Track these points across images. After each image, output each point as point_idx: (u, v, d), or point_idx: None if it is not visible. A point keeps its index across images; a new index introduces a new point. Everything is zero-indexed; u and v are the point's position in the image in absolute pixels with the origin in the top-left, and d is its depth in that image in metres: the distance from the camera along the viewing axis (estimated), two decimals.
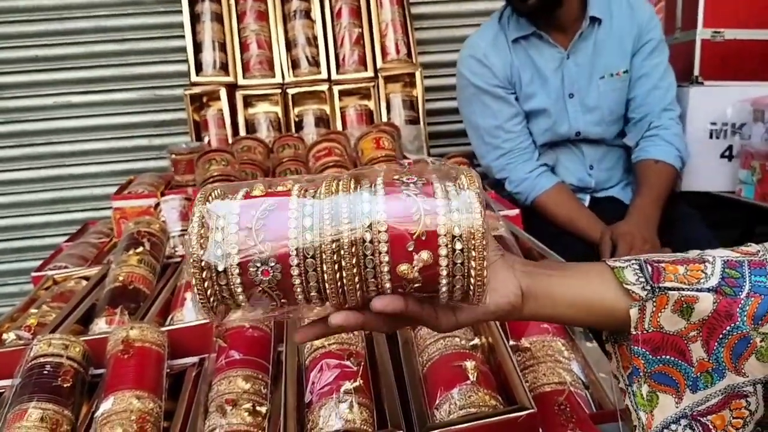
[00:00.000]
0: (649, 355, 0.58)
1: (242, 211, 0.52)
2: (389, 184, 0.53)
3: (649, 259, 0.61)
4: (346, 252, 0.50)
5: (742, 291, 0.56)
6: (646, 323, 0.57)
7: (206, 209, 0.52)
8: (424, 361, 0.85)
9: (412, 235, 0.50)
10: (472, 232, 0.50)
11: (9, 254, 2.60)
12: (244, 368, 0.91)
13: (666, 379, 0.58)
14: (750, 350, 0.55)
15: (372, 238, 0.50)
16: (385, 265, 0.51)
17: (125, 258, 1.30)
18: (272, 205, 0.52)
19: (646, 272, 0.59)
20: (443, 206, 0.51)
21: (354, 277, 0.51)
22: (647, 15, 1.83)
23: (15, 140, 2.52)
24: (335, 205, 0.51)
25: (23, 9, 2.44)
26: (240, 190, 0.54)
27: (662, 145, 1.80)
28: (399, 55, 2.25)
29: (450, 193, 0.51)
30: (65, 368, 0.92)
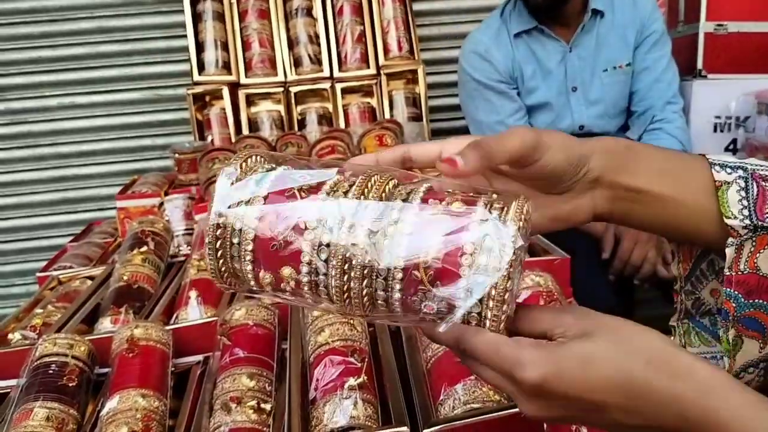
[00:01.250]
0: (742, 299, 0.52)
1: (272, 189, 0.50)
2: (428, 198, 0.49)
3: (756, 172, 0.53)
4: (356, 269, 0.47)
5: None
6: (741, 264, 0.52)
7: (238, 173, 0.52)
8: (428, 357, 0.85)
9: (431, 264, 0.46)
10: (497, 268, 0.45)
11: (14, 255, 2.61)
12: (248, 366, 0.91)
13: (755, 324, 0.53)
14: None
15: (388, 268, 0.47)
16: (397, 296, 0.48)
17: (129, 257, 1.30)
18: (302, 189, 0.50)
19: (751, 195, 0.52)
20: (473, 236, 0.46)
21: (362, 292, 0.48)
22: (649, 7, 1.83)
23: (19, 141, 2.52)
24: (361, 217, 0.48)
25: (26, 10, 2.45)
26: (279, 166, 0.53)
27: (665, 139, 1.80)
28: (401, 52, 2.25)
29: (490, 219, 0.46)
30: (70, 367, 0.93)
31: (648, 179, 0.54)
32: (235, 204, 0.50)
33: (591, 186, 0.54)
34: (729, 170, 0.53)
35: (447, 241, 0.46)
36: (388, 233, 0.47)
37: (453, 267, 0.46)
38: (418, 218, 0.47)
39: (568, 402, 0.46)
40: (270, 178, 0.51)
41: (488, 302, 0.46)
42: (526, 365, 0.45)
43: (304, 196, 0.50)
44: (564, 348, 0.46)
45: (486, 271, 0.45)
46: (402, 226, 0.47)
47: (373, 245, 0.47)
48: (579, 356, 0.45)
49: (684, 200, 0.54)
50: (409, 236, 0.47)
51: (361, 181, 0.50)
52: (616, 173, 0.54)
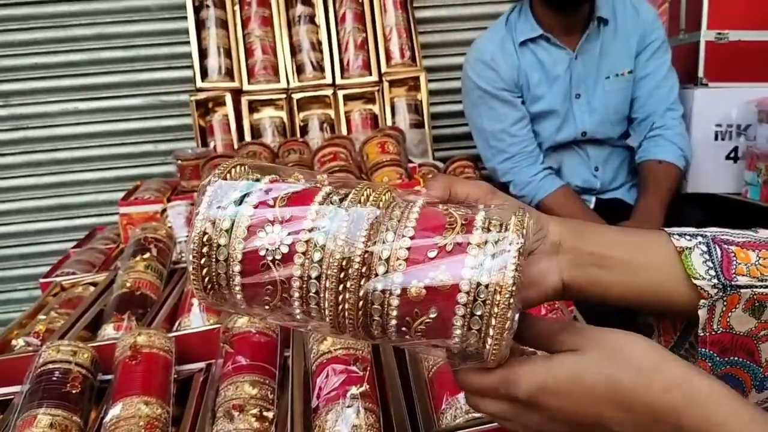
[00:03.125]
0: (717, 358, 0.53)
1: (258, 204, 0.48)
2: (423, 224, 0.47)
3: (717, 237, 0.54)
4: (351, 291, 0.46)
5: None
6: (714, 324, 0.52)
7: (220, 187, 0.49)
8: (429, 366, 0.85)
9: (429, 290, 0.45)
10: (498, 290, 0.44)
11: (16, 260, 2.62)
12: (251, 374, 0.91)
13: (732, 381, 0.53)
14: None
15: (383, 300, 0.46)
16: (393, 319, 0.46)
17: (132, 264, 1.30)
18: (288, 215, 0.48)
19: (715, 259, 0.52)
20: (471, 266, 0.45)
21: (357, 314, 0.47)
22: (651, 16, 1.84)
23: (21, 147, 2.53)
24: (354, 236, 0.46)
25: (28, 17, 2.46)
26: (265, 178, 0.51)
27: (665, 145, 1.81)
28: (403, 59, 2.26)
29: (488, 245, 0.45)
30: (74, 374, 0.93)
31: (609, 246, 0.56)
32: (221, 220, 0.48)
33: (553, 250, 0.55)
34: (688, 237, 0.54)
35: (444, 272, 0.45)
36: (383, 259, 0.46)
37: (451, 300, 0.45)
38: (413, 245, 0.46)
39: (566, 416, 0.46)
40: (256, 194, 0.49)
41: (488, 331, 0.45)
42: (519, 381, 0.46)
43: (292, 213, 0.48)
44: (555, 361, 0.47)
45: (485, 303, 0.44)
46: (397, 252, 0.46)
47: (367, 267, 0.46)
48: (570, 370, 0.46)
49: (649, 265, 0.54)
50: (404, 263, 0.46)
51: (354, 196, 0.48)
52: (576, 240, 0.55)
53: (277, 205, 0.48)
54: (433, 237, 0.46)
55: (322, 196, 0.49)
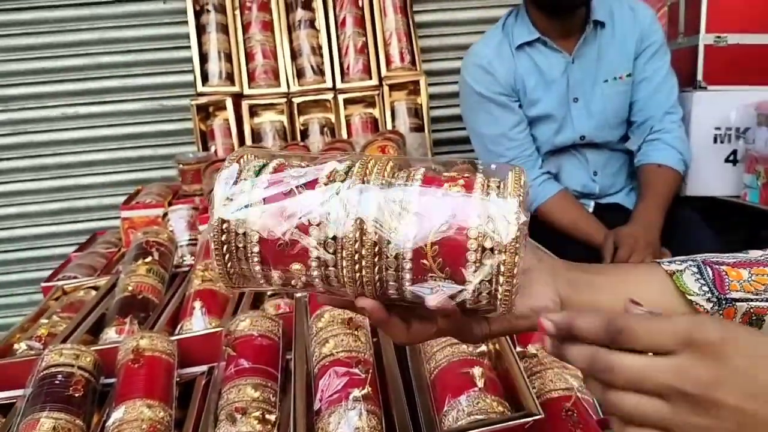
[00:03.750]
0: None
1: (270, 186, 0.51)
2: (428, 182, 0.50)
3: (707, 259, 0.55)
4: (367, 255, 0.48)
5: None
6: None
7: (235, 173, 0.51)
8: (431, 368, 0.85)
9: (438, 247, 0.47)
10: (504, 245, 0.47)
11: (17, 264, 2.62)
12: (253, 376, 0.92)
13: None
14: None
15: (397, 254, 0.48)
16: (407, 282, 0.49)
17: (134, 268, 1.31)
18: (300, 183, 0.50)
19: (707, 277, 0.53)
20: (477, 216, 0.47)
21: (374, 280, 0.49)
22: (649, 19, 1.84)
23: (22, 151, 2.53)
24: (363, 201, 0.48)
25: (29, 22, 2.46)
26: (272, 162, 0.53)
27: (664, 149, 1.81)
28: (403, 63, 2.26)
29: (491, 197, 0.48)
30: (76, 378, 0.94)
31: (601, 271, 0.57)
32: (236, 208, 0.50)
33: (549, 274, 0.56)
34: (679, 262, 0.55)
35: (452, 225, 0.47)
36: (393, 222, 0.48)
37: (461, 250, 0.47)
38: (420, 204, 0.48)
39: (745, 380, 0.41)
40: (266, 177, 0.51)
41: (498, 278, 0.47)
42: (707, 324, 0.41)
43: (303, 191, 0.50)
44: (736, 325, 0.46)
45: (493, 251, 0.47)
46: (406, 214, 0.48)
47: (379, 234, 0.48)
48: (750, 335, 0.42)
49: (641, 286, 0.55)
50: (414, 223, 0.48)
51: (360, 167, 0.50)
52: (568, 268, 0.57)
53: (290, 183, 0.51)
54: (437, 191, 0.49)
55: (328, 172, 0.51)
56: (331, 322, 0.91)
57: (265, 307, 1.21)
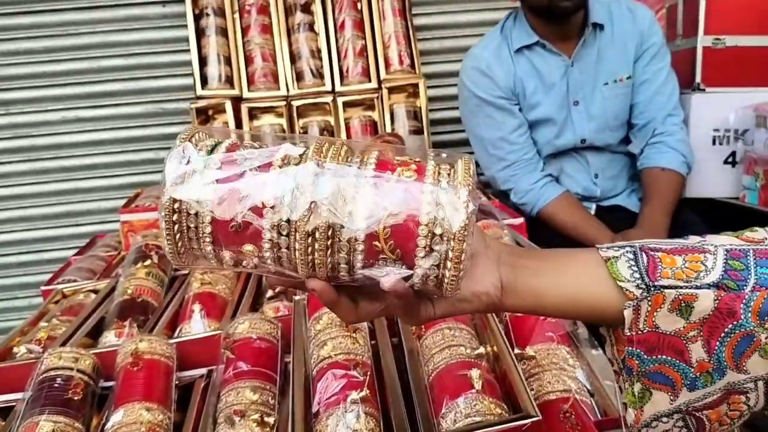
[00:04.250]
0: (644, 356, 0.54)
1: (223, 166, 0.50)
2: (381, 167, 0.51)
3: (645, 246, 0.57)
4: (320, 238, 0.49)
5: (747, 285, 0.52)
6: (640, 323, 0.54)
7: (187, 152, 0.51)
8: (429, 371, 0.86)
9: (390, 232, 0.49)
10: (453, 233, 0.49)
11: (17, 268, 2.62)
12: (251, 379, 0.92)
13: (662, 378, 0.55)
14: (753, 347, 0.52)
15: (350, 237, 0.49)
16: (359, 262, 0.50)
17: (134, 271, 1.31)
18: (254, 165, 0.50)
19: (641, 264, 0.55)
20: (428, 203, 0.49)
21: (326, 262, 0.50)
22: (648, 20, 1.84)
23: (23, 155, 2.54)
24: (319, 185, 0.49)
25: (30, 26, 2.47)
26: (225, 141, 0.53)
27: (667, 152, 1.81)
28: (402, 66, 2.27)
29: (441, 184, 0.50)
30: (76, 381, 0.94)
31: (540, 258, 0.60)
32: (188, 187, 0.50)
33: (495, 261, 0.58)
34: (616, 248, 0.57)
35: (403, 211, 0.49)
36: (347, 206, 0.49)
37: (412, 236, 0.49)
38: (374, 189, 0.50)
39: None
40: (219, 157, 0.51)
41: (446, 264, 0.50)
42: None
43: (257, 173, 0.50)
44: None
45: (442, 237, 0.49)
46: (360, 198, 0.49)
47: (333, 218, 0.49)
48: None
49: (579, 273, 0.58)
50: (367, 208, 0.49)
51: (314, 151, 0.51)
52: (511, 255, 0.59)
53: (244, 164, 0.51)
54: (390, 177, 0.50)
55: (282, 155, 0.52)
56: (330, 325, 0.92)
57: (264, 310, 1.21)
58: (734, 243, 0.56)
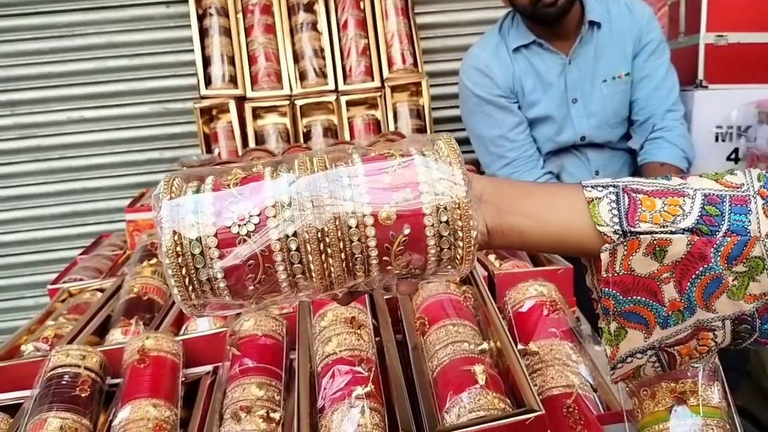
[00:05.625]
0: (620, 297, 0.57)
1: (216, 202, 0.49)
2: (369, 160, 0.51)
3: (628, 186, 0.58)
4: (331, 239, 0.48)
5: (719, 230, 0.54)
6: (617, 266, 0.56)
7: (175, 204, 0.49)
8: (433, 366, 0.86)
9: (398, 216, 0.49)
10: (456, 202, 0.50)
11: (24, 268, 2.64)
12: (257, 376, 0.93)
13: (636, 318, 0.57)
14: (722, 289, 0.54)
15: (357, 224, 0.49)
16: (374, 250, 0.50)
17: (139, 270, 1.32)
18: (247, 192, 0.49)
19: (622, 206, 0.57)
20: (425, 181, 0.50)
21: (342, 263, 0.49)
22: (646, 17, 1.84)
23: (29, 155, 2.56)
24: (314, 187, 0.49)
25: (36, 27, 2.49)
26: (207, 178, 0.52)
27: (667, 147, 1.81)
28: (405, 64, 2.28)
29: (430, 164, 0.51)
30: (83, 378, 0.95)
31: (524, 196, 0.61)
32: (188, 238, 0.48)
33: (476, 201, 0.58)
34: (600, 188, 0.59)
35: (403, 193, 0.49)
36: (346, 192, 0.49)
37: (417, 214, 0.49)
38: (367, 174, 0.50)
39: None
40: (208, 201, 0.50)
41: (458, 243, 0.50)
42: None
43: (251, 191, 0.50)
44: None
45: (447, 209, 0.50)
46: (356, 185, 0.49)
47: (335, 207, 0.49)
48: None
49: (561, 213, 0.59)
50: (366, 191, 0.49)
51: (300, 164, 0.51)
52: (495, 192, 0.59)
53: (233, 187, 0.50)
54: (382, 168, 0.50)
55: (270, 171, 0.52)
56: (334, 322, 0.92)
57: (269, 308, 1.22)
58: (713, 188, 0.57)
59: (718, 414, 0.63)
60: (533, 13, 1.75)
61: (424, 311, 0.99)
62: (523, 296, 1.02)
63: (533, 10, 1.73)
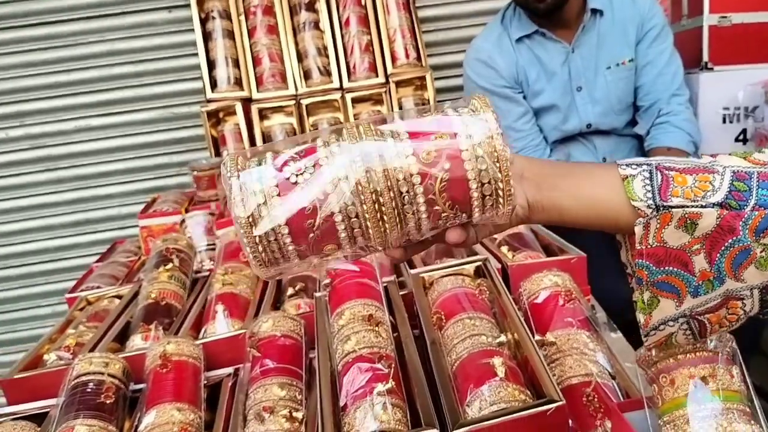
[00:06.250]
0: (653, 267, 0.60)
1: (278, 174, 0.55)
2: (410, 123, 0.56)
3: (661, 164, 0.62)
4: (385, 195, 0.54)
5: (747, 205, 0.57)
6: (650, 239, 0.59)
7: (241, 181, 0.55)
8: (452, 361, 0.87)
9: (437, 153, 0.54)
10: (490, 136, 0.55)
11: (39, 277, 2.67)
12: (278, 376, 0.94)
13: (668, 287, 0.60)
14: (750, 260, 0.57)
15: (404, 177, 0.54)
16: (422, 204, 0.55)
17: (156, 275, 1.34)
18: (305, 162, 0.55)
19: (655, 183, 0.60)
20: (463, 133, 0.55)
21: (395, 218, 0.55)
22: (648, 2, 1.84)
23: (40, 165, 2.58)
24: (364, 152, 0.54)
25: (41, 37, 2.50)
26: (266, 153, 0.57)
27: (673, 132, 1.81)
28: (408, 59, 2.27)
29: (465, 118, 0.56)
30: (107, 385, 0.96)
31: (563, 174, 0.66)
32: (255, 206, 0.54)
33: (519, 180, 0.62)
34: (635, 166, 0.62)
35: (443, 142, 0.55)
36: (395, 149, 0.54)
37: (458, 159, 0.55)
38: (409, 127, 0.56)
39: None
40: (269, 172, 0.55)
41: (498, 185, 0.55)
42: None
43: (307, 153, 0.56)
44: None
45: (485, 155, 0.55)
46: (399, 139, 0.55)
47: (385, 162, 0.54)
48: None
49: (597, 189, 0.63)
50: (411, 146, 0.55)
51: (347, 133, 0.56)
52: (536, 170, 0.65)
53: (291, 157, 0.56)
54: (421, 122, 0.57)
55: (322, 142, 0.57)
56: (352, 320, 0.93)
57: (285, 308, 1.23)
58: (741, 165, 0.60)
59: (738, 398, 0.63)
60: (525, 4, 1.76)
61: (440, 306, 1.00)
62: (538, 287, 1.03)
63: (525, 2, 1.75)
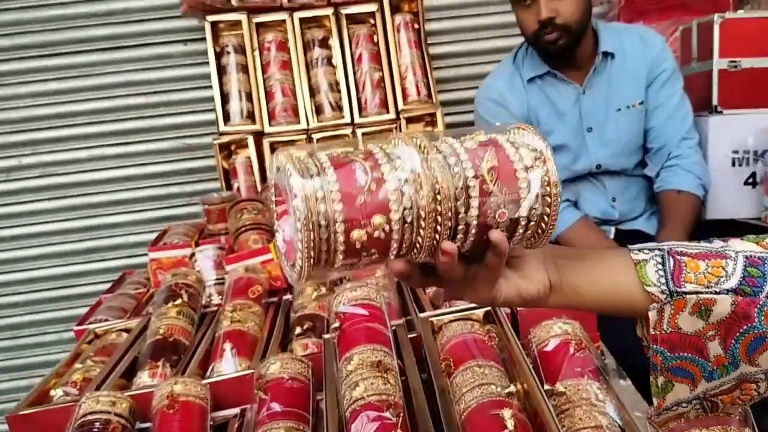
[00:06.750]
0: (668, 353, 0.60)
1: (339, 177, 0.54)
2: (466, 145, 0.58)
3: (673, 249, 0.62)
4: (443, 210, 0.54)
5: (762, 291, 0.58)
6: (664, 324, 0.60)
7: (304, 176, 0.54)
8: (461, 410, 0.87)
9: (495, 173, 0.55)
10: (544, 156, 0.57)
11: (46, 303, 2.67)
12: (285, 420, 0.93)
13: (683, 372, 0.60)
14: (765, 346, 0.57)
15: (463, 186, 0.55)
16: (474, 219, 0.55)
17: (164, 311, 1.34)
18: (367, 170, 0.55)
19: (667, 268, 0.60)
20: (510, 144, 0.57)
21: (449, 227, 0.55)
22: (659, 47, 1.86)
23: (51, 193, 2.60)
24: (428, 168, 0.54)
25: (56, 67, 2.54)
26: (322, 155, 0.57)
27: (683, 175, 1.81)
28: (419, 96, 2.30)
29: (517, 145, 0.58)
30: (113, 425, 0.96)
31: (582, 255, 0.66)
32: (315, 200, 0.53)
33: (541, 260, 0.63)
34: (647, 251, 0.63)
35: (497, 158, 0.56)
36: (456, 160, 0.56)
37: (511, 174, 0.56)
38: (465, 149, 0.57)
39: None
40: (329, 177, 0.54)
41: (545, 199, 0.56)
42: None
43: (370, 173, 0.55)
44: None
45: (537, 174, 0.56)
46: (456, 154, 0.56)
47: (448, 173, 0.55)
48: None
49: (611, 272, 0.63)
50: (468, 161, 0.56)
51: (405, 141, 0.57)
52: (555, 254, 0.65)
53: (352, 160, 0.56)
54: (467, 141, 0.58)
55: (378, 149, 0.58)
56: (361, 365, 0.93)
57: (293, 347, 1.23)
58: (754, 250, 0.61)
59: None
60: (535, 44, 1.78)
61: (449, 352, 0.99)
62: (548, 334, 1.02)
63: (536, 42, 1.77)
